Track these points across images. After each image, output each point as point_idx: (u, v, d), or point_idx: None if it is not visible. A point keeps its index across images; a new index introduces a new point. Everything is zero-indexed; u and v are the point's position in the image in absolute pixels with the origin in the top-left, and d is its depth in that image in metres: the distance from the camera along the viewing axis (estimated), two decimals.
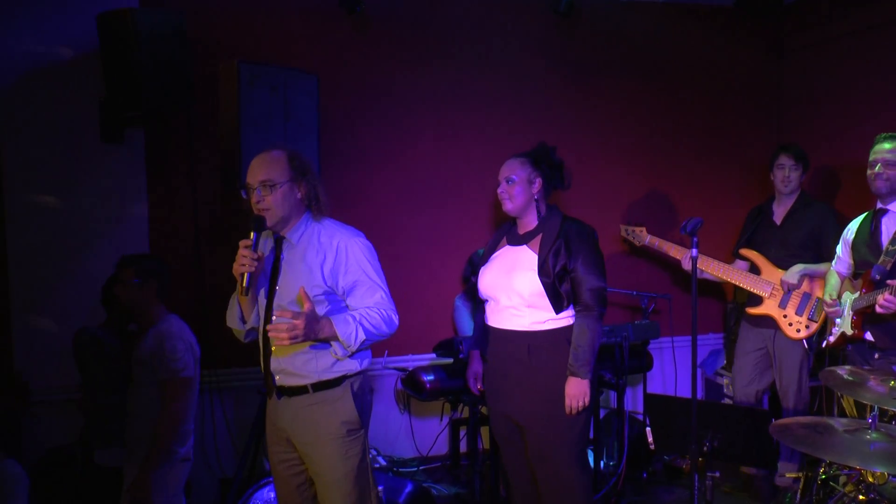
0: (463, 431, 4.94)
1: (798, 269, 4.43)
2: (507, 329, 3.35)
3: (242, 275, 2.78)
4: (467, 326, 4.72)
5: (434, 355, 4.49)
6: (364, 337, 2.75)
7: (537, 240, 3.34)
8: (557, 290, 3.25)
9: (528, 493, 3.50)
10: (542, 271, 3.24)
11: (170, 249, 4.36)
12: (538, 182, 3.37)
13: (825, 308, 4.01)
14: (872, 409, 2.75)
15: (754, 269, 4.65)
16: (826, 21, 5.55)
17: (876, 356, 3.73)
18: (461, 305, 4.82)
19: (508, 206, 3.39)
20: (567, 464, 3.30)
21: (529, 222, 3.41)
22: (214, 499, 4.47)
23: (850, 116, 5.27)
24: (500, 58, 5.22)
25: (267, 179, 2.80)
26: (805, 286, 4.45)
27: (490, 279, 3.41)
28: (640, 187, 5.56)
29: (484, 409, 4.28)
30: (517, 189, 3.35)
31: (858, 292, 3.74)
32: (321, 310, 2.79)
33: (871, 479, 2.92)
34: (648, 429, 4.64)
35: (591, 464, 4.71)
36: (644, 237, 4.87)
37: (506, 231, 3.54)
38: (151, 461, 3.40)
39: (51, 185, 4.15)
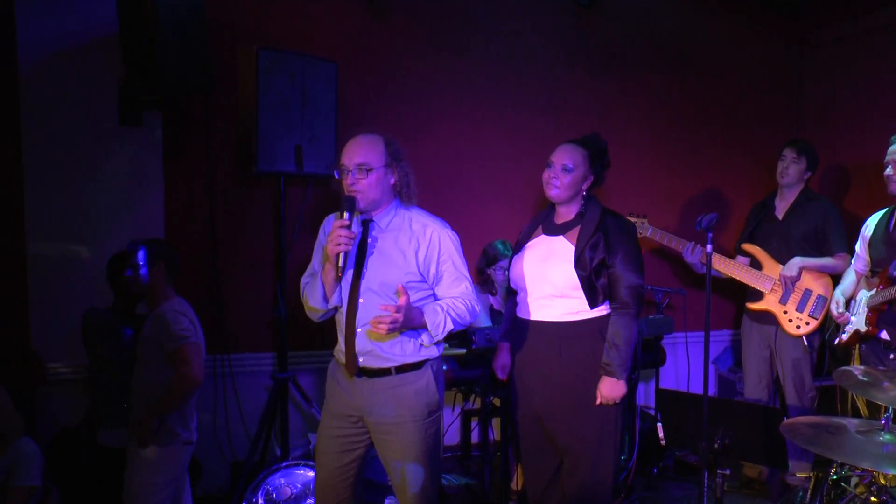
0: (475, 422, 4.95)
1: (796, 261, 4.44)
2: (538, 320, 3.24)
3: (338, 255, 2.81)
4: (480, 318, 4.71)
5: (446, 345, 4.48)
6: (451, 327, 2.89)
7: (575, 231, 3.22)
8: (594, 284, 3.15)
9: (544, 488, 3.37)
10: (579, 264, 3.13)
11: (185, 233, 4.38)
12: (590, 180, 3.27)
13: (833, 315, 3.99)
14: (886, 410, 2.72)
15: (756, 265, 4.64)
16: (849, 17, 5.49)
17: (891, 356, 3.70)
18: None
19: (554, 193, 3.25)
20: (599, 464, 3.18)
21: (568, 212, 3.30)
22: (226, 482, 4.50)
23: (872, 114, 5.23)
24: (519, 49, 5.20)
25: (364, 163, 2.86)
26: (806, 281, 4.44)
27: (524, 268, 3.30)
28: (654, 180, 5.53)
29: (496, 401, 4.28)
30: (570, 179, 3.22)
31: (875, 289, 3.70)
32: (412, 295, 2.89)
33: (882, 482, 2.90)
34: (660, 424, 4.64)
35: None
36: (646, 229, 4.84)
37: (542, 219, 3.41)
38: (154, 409, 3.37)
39: (69, 167, 4.17)
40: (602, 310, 3.20)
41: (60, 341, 4.14)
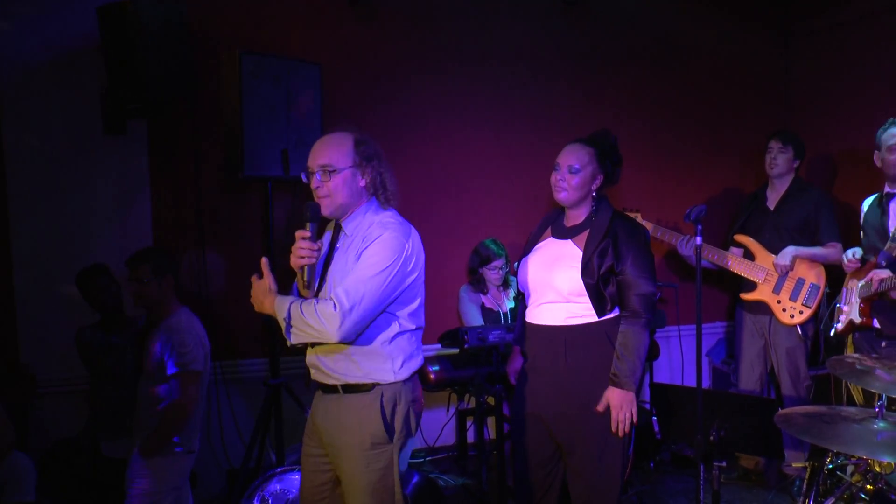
0: (470, 421, 4.94)
1: (790, 250, 4.45)
2: (543, 324, 3.11)
3: (303, 268, 2.62)
4: (473, 317, 4.70)
5: (439, 346, 4.47)
6: (284, 316, 2.53)
7: (584, 235, 3.08)
8: (601, 293, 3.00)
9: (542, 477, 3.20)
10: (586, 271, 2.99)
11: (173, 241, 4.37)
12: (600, 179, 3.12)
13: (844, 266, 3.98)
14: (880, 397, 2.72)
15: (749, 255, 4.65)
16: (834, 6, 5.50)
17: (883, 344, 3.71)
18: (466, 297, 4.80)
19: (563, 196, 3.11)
20: (608, 480, 3.04)
21: (578, 215, 3.16)
22: (222, 490, 4.48)
23: (859, 102, 5.24)
24: (505, 47, 5.19)
25: (327, 164, 2.62)
26: (799, 271, 4.45)
27: (530, 272, 3.18)
28: (642, 173, 5.50)
29: (490, 400, 4.27)
30: (577, 180, 3.07)
31: (865, 279, 3.71)
32: None
33: (878, 469, 2.90)
34: (655, 418, 4.64)
35: None
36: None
37: (551, 220, 3.28)
38: (148, 448, 3.44)
39: (54, 177, 4.15)
40: (611, 313, 3.07)
41: (51, 353, 4.11)
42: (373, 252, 2.57)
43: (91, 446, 3.91)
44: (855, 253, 3.92)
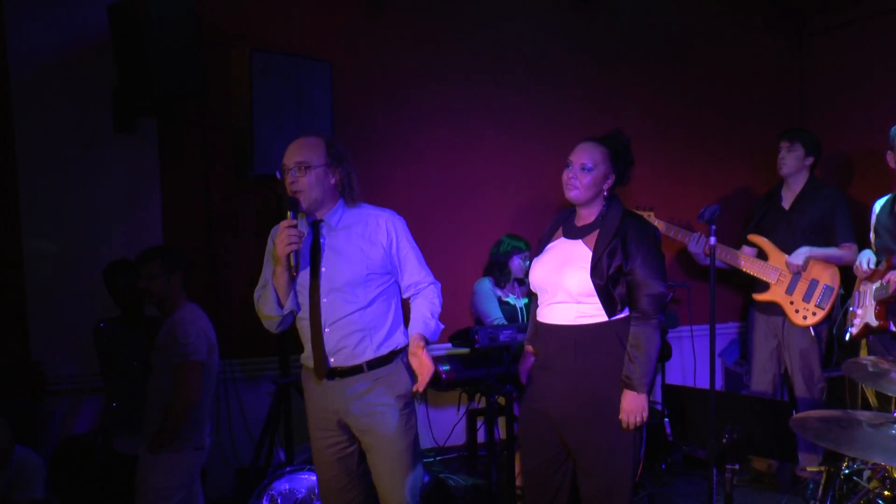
0: (480, 421, 4.90)
1: (804, 251, 4.40)
2: (553, 324, 3.10)
3: (288, 255, 2.79)
4: (493, 309, 4.60)
5: (450, 345, 4.45)
6: (438, 325, 3.05)
7: (594, 235, 3.07)
8: (610, 294, 2.99)
9: (548, 476, 3.17)
10: (595, 272, 2.98)
11: (183, 239, 4.35)
12: (611, 179, 3.10)
13: (857, 271, 3.92)
14: None
15: (762, 255, 4.61)
16: (847, 3, 5.45)
17: None
18: (486, 289, 4.64)
19: (574, 194, 3.09)
20: (620, 482, 3.01)
21: (589, 214, 3.14)
22: (231, 488, 4.47)
23: (873, 100, 5.19)
24: (517, 44, 5.16)
25: (303, 161, 2.85)
26: (813, 272, 4.40)
27: (541, 272, 3.17)
28: (655, 172, 5.46)
29: (501, 400, 4.25)
30: (589, 179, 3.05)
31: (879, 282, 3.66)
32: (372, 291, 2.90)
33: None
34: (666, 419, 4.60)
35: None
36: (652, 221, 4.77)
37: (563, 219, 3.26)
38: (156, 443, 3.43)
39: (65, 175, 4.15)
40: (621, 313, 3.05)
41: (61, 351, 4.12)
42: (404, 235, 3.02)
43: (104, 443, 3.91)
44: (870, 261, 3.86)
